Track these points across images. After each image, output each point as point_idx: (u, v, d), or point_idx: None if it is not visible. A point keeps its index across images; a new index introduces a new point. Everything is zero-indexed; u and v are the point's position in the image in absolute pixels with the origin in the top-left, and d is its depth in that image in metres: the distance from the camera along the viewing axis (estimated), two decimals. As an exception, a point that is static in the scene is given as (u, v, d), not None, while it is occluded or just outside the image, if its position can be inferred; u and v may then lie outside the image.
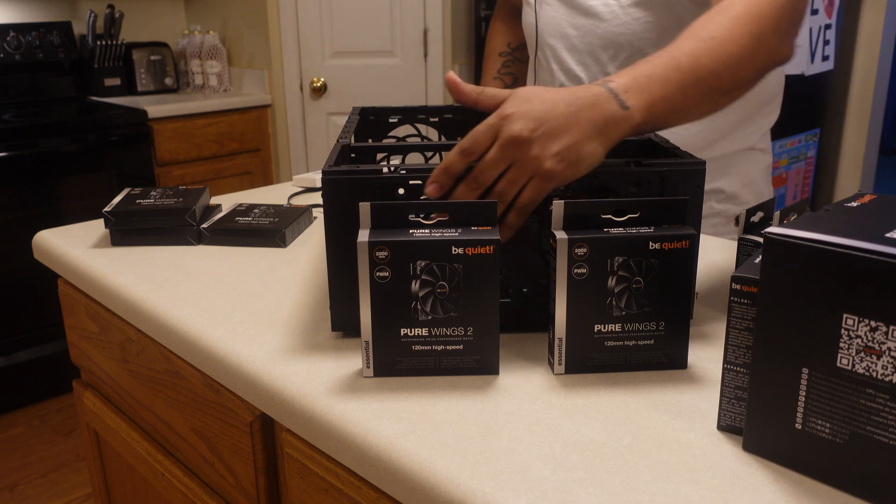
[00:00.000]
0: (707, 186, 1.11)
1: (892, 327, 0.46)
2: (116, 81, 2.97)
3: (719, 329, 0.75)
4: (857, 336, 0.47)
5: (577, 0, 1.09)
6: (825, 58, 2.74)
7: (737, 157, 1.14)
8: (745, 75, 0.78)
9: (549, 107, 0.66)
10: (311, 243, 1.04)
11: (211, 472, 0.84)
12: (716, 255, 0.96)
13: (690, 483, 0.52)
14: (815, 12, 2.63)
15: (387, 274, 0.63)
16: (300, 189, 1.32)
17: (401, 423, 0.59)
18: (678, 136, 1.07)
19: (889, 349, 0.46)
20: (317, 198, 1.25)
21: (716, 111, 0.78)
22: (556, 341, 0.65)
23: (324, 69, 3.00)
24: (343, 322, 0.73)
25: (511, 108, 0.66)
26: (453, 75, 0.72)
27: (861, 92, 2.85)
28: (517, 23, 1.31)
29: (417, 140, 1.00)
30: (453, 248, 0.63)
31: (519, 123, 0.65)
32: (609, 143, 0.68)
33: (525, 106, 0.66)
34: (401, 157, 0.94)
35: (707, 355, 0.70)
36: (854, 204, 0.54)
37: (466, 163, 0.66)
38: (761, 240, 0.51)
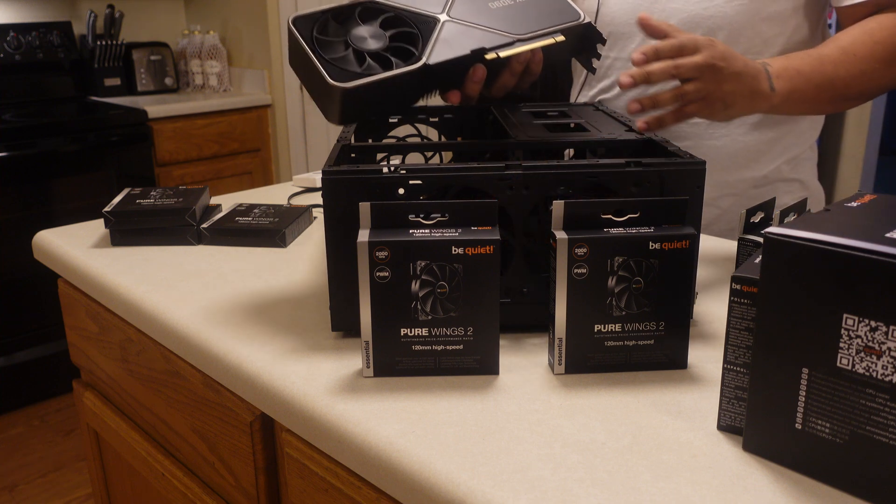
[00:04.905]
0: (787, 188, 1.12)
1: (892, 327, 0.46)
2: (116, 81, 2.97)
3: (719, 329, 0.75)
4: (857, 336, 0.47)
5: None
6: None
7: (805, 156, 1.14)
8: (870, 90, 0.94)
9: (732, 56, 0.81)
10: (311, 243, 1.04)
11: (211, 472, 0.84)
12: (715, 254, 0.96)
13: (690, 483, 0.52)
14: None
15: (387, 274, 0.63)
16: (300, 189, 1.32)
17: (401, 423, 0.59)
18: (750, 136, 1.06)
19: (889, 349, 0.46)
20: (317, 198, 1.25)
21: (836, 111, 0.99)
22: (556, 341, 0.65)
23: (324, 69, 3.00)
24: (343, 322, 0.73)
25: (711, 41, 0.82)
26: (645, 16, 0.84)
27: (861, 92, 2.85)
28: None
29: (417, 140, 1.00)
30: (453, 248, 0.63)
31: (719, 52, 0.80)
32: (749, 110, 0.86)
33: (720, 46, 0.82)
34: (401, 157, 0.94)
35: (707, 355, 0.70)
36: (854, 204, 0.54)
37: (672, 54, 0.80)
38: (761, 240, 0.51)
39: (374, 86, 0.76)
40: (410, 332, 0.65)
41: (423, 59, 0.78)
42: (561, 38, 0.83)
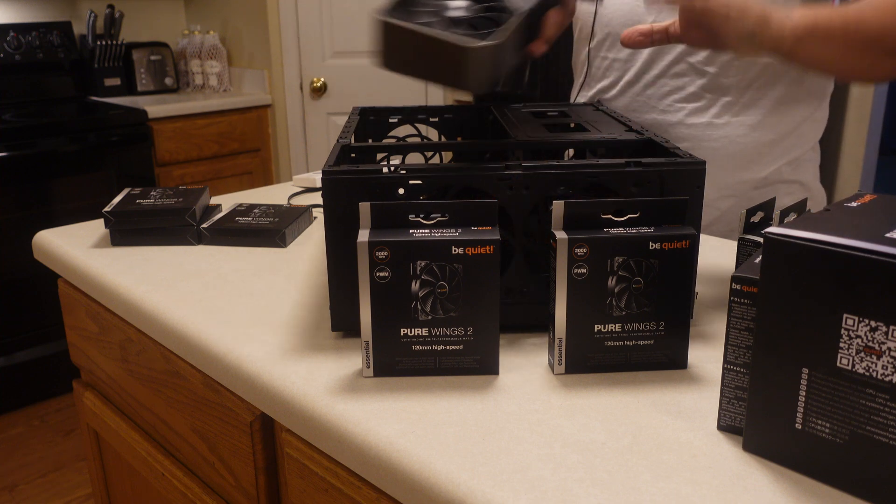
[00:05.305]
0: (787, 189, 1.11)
1: (892, 327, 0.46)
2: (116, 81, 2.97)
3: (719, 329, 0.75)
4: (857, 336, 0.47)
5: None
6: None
7: (807, 157, 1.12)
8: None
9: None
10: (311, 243, 1.04)
11: (211, 472, 0.84)
12: (715, 254, 0.96)
13: (690, 483, 0.52)
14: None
15: (387, 274, 0.63)
16: (300, 189, 1.32)
17: (401, 423, 0.59)
18: (748, 138, 1.06)
19: (889, 349, 0.46)
20: (317, 198, 1.25)
21: (875, 71, 0.82)
22: (556, 341, 0.65)
23: (324, 69, 3.00)
24: (343, 322, 0.73)
25: None
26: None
27: (861, 92, 2.85)
28: None
29: (417, 140, 1.00)
30: (453, 248, 0.63)
31: None
32: (761, 35, 0.77)
33: None
34: (401, 157, 0.94)
35: (707, 355, 0.70)
36: (854, 204, 0.54)
37: None
38: (761, 240, 0.51)
39: (500, 46, 0.74)
40: (410, 332, 0.65)
41: (520, 8, 0.80)
42: None
